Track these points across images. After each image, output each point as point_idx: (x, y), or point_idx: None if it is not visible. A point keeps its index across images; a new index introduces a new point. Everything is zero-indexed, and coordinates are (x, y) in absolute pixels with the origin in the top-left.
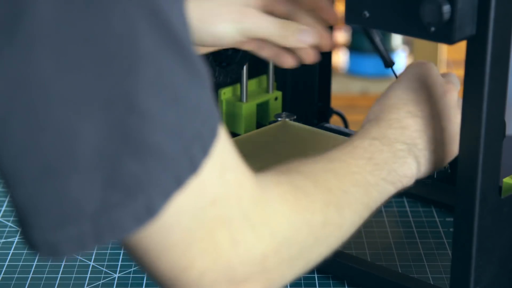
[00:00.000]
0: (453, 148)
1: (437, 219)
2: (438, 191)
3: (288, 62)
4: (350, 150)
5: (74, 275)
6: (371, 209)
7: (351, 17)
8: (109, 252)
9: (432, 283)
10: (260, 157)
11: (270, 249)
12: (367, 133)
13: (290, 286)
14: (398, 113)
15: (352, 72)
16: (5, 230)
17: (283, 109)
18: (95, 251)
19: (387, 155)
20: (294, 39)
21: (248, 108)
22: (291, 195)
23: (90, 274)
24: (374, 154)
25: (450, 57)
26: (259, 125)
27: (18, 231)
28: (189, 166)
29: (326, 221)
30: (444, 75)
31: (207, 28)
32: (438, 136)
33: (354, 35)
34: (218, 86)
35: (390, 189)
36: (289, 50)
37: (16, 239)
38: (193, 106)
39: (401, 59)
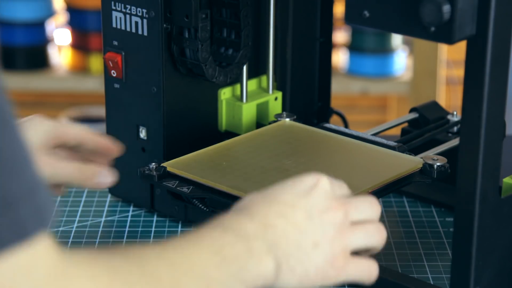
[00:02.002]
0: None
1: (437, 219)
2: (438, 191)
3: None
4: (195, 239)
5: None
6: None
7: (351, 17)
8: None
9: (432, 283)
10: (260, 157)
11: None
12: (222, 221)
13: None
14: (269, 209)
15: (352, 72)
16: None
17: (283, 109)
18: None
19: (240, 250)
20: (94, 182)
21: (248, 108)
22: (106, 278)
23: None
24: (224, 247)
25: (450, 57)
26: (259, 125)
27: None
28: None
29: None
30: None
31: None
32: (304, 249)
33: (354, 35)
34: (218, 86)
35: (239, 287)
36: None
37: None
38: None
39: (401, 59)
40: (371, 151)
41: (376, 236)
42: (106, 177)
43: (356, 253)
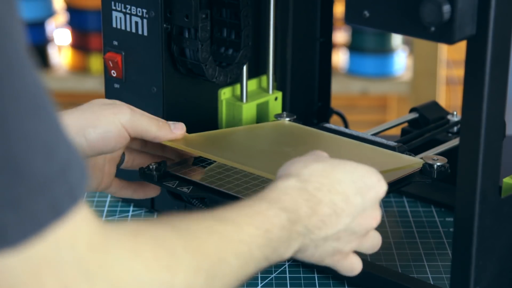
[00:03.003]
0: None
1: (437, 219)
2: (438, 191)
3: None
4: (250, 214)
5: None
6: (241, 281)
7: (351, 17)
8: None
9: (432, 283)
10: (260, 143)
11: None
12: (280, 199)
13: (290, 286)
14: (321, 188)
15: (352, 72)
16: None
17: (283, 109)
18: None
19: (284, 234)
20: (170, 133)
21: (248, 108)
22: (149, 250)
23: None
24: (274, 228)
25: (450, 57)
26: None
27: None
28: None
29: (189, 287)
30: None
31: (94, 129)
32: (329, 240)
33: (354, 35)
34: (218, 86)
35: (263, 265)
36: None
37: None
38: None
39: (401, 59)
40: (371, 151)
41: (374, 245)
42: (180, 129)
43: None
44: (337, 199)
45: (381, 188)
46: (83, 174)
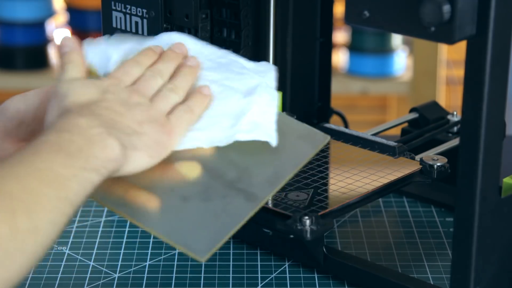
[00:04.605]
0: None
1: (437, 219)
2: (438, 191)
3: None
4: (33, 148)
5: (74, 275)
6: (75, 203)
7: (351, 17)
8: (109, 252)
9: (432, 283)
10: None
11: None
12: (52, 128)
13: (290, 286)
14: (89, 106)
15: (352, 72)
16: None
17: (283, 109)
18: (95, 251)
19: (81, 142)
20: None
21: None
22: None
23: (90, 274)
24: (63, 145)
25: (450, 57)
26: None
27: None
28: None
29: (15, 231)
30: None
31: None
32: (133, 128)
33: (354, 35)
34: None
35: (93, 177)
36: None
37: None
38: None
39: (401, 59)
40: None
41: (179, 91)
42: None
43: None
44: (97, 105)
45: (106, 84)
46: None
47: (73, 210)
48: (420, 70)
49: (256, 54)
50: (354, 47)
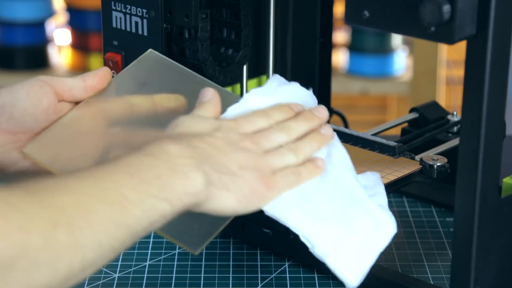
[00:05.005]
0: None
1: (437, 219)
2: (438, 191)
3: None
4: (110, 166)
5: None
6: (134, 230)
7: (351, 17)
8: None
9: (432, 283)
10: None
11: None
12: (139, 150)
13: (290, 286)
14: (189, 137)
15: (352, 72)
16: None
17: None
18: None
19: (162, 169)
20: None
21: None
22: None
23: None
24: (141, 168)
25: (450, 57)
26: None
27: None
28: None
29: (50, 243)
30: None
31: None
32: (232, 170)
33: (354, 35)
34: None
35: (163, 207)
36: None
37: None
38: None
39: (401, 59)
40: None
41: (299, 154)
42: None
43: None
44: (200, 137)
45: (222, 121)
46: None
47: (131, 238)
48: (420, 70)
49: (256, 54)
50: (354, 47)
